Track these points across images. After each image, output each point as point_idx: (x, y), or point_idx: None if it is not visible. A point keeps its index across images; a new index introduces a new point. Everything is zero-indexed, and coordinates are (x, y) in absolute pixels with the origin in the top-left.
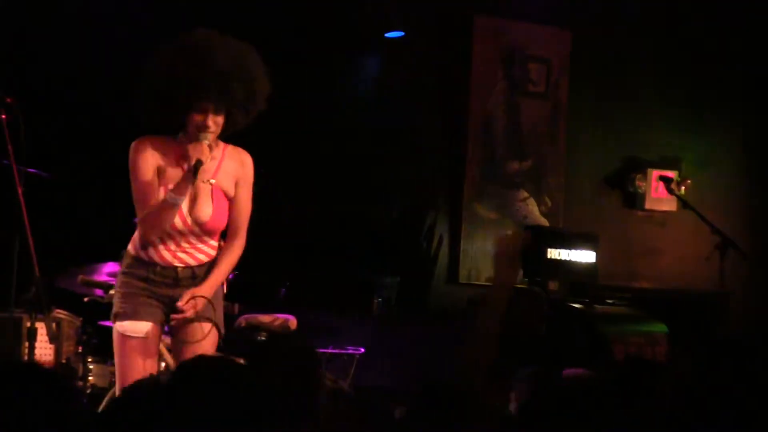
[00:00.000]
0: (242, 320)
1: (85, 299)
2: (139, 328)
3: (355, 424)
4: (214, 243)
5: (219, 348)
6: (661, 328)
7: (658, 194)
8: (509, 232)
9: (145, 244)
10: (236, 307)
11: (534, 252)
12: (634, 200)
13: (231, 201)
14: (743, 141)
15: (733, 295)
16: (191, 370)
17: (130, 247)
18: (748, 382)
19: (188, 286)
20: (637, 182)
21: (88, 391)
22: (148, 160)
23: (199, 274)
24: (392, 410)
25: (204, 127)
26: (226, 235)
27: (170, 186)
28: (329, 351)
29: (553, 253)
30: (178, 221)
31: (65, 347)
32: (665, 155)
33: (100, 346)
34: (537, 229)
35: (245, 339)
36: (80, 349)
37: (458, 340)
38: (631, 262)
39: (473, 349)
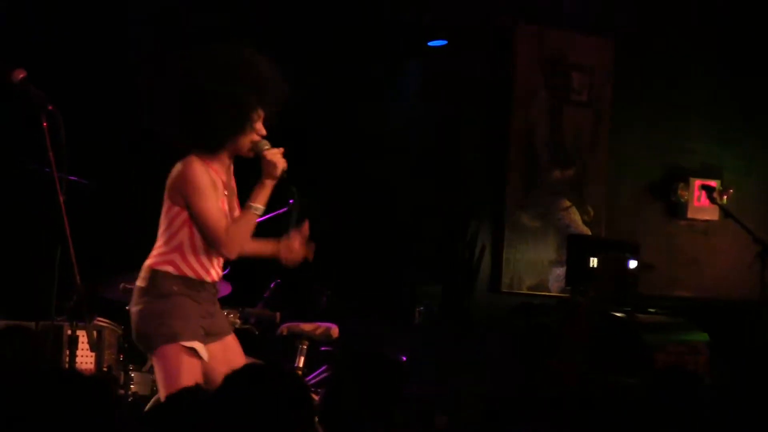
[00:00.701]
0: (284, 328)
1: (127, 308)
2: (204, 350)
3: None
4: None
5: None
6: (702, 336)
7: (700, 203)
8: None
9: (196, 264)
10: (278, 315)
11: (577, 261)
12: (677, 209)
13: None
14: None
15: None
16: (239, 378)
17: (168, 268)
18: None
19: (215, 302)
20: (680, 191)
21: (130, 399)
22: (206, 176)
23: (216, 291)
24: (435, 419)
25: (262, 135)
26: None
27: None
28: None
29: (595, 262)
30: None
31: (107, 355)
32: (707, 164)
33: (142, 354)
34: (578, 237)
35: (287, 347)
36: (121, 357)
37: (500, 348)
38: (673, 270)
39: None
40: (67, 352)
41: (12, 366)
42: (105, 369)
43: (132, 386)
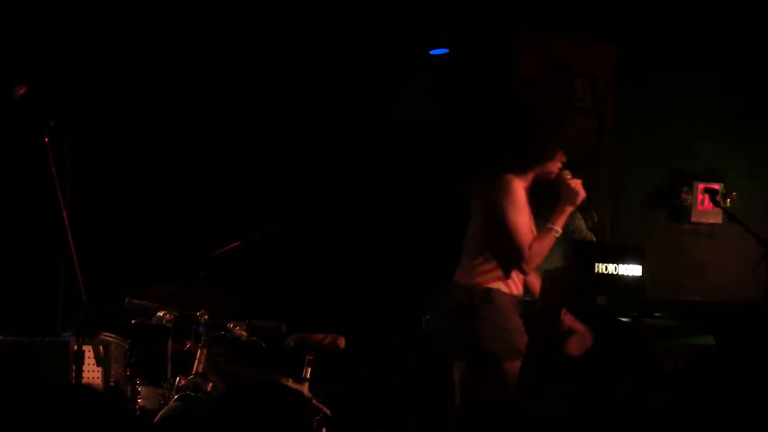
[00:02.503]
0: (291, 339)
1: (133, 321)
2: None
3: None
4: None
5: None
6: (708, 340)
7: (704, 207)
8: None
9: (509, 277)
10: (284, 326)
11: (582, 267)
12: (681, 213)
13: None
14: None
15: None
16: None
17: (498, 284)
18: None
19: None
20: (683, 195)
21: (138, 414)
22: (523, 194)
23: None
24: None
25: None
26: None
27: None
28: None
29: (601, 268)
30: None
31: (114, 370)
32: (711, 167)
33: (149, 368)
34: (584, 243)
35: (294, 358)
36: (128, 372)
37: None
38: (678, 274)
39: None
40: (74, 368)
41: (16, 382)
42: (112, 383)
43: (139, 400)
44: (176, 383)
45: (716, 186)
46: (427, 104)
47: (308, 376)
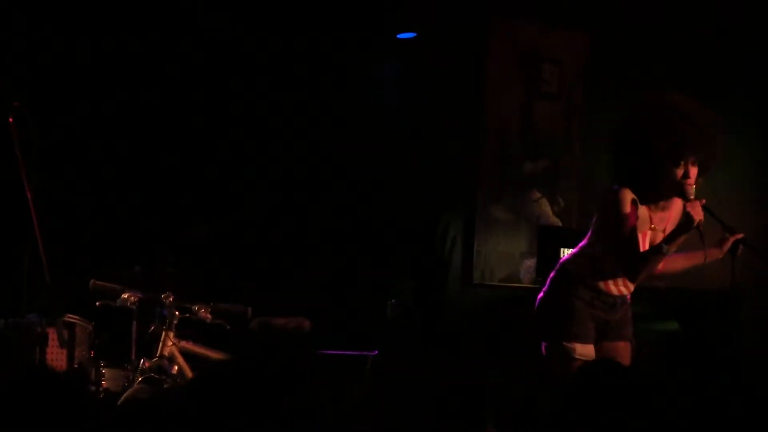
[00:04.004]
0: (256, 322)
1: (98, 304)
2: (588, 351)
3: None
4: None
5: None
6: (674, 326)
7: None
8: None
9: (598, 274)
10: (249, 309)
11: (548, 253)
12: None
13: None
14: (758, 139)
15: (745, 294)
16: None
17: (573, 270)
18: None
19: (616, 311)
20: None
21: (101, 396)
22: (629, 206)
23: (625, 301)
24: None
25: (686, 178)
26: None
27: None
28: (343, 353)
29: (566, 253)
30: None
31: (78, 352)
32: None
33: (113, 350)
34: (549, 229)
35: (259, 342)
36: (92, 354)
37: (472, 340)
38: None
39: None
40: (37, 350)
41: None
42: (76, 366)
43: (103, 382)
44: (140, 365)
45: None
46: (395, 89)
47: (272, 359)
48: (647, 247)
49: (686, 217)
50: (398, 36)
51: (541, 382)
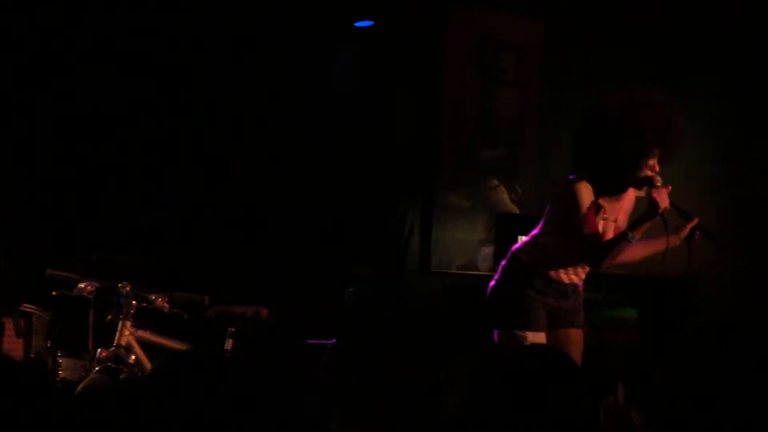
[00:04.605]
0: (213, 311)
1: (54, 293)
2: (539, 339)
3: None
4: None
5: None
6: (631, 313)
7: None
8: None
9: (551, 263)
10: (206, 298)
11: (506, 240)
12: None
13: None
14: (713, 125)
15: (701, 279)
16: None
17: (526, 259)
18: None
19: (567, 299)
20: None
21: (59, 385)
22: (590, 198)
23: (576, 289)
24: None
25: (652, 168)
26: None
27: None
28: (301, 341)
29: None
30: None
31: (34, 341)
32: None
33: (70, 339)
34: (507, 216)
35: (217, 330)
36: (50, 343)
37: (430, 328)
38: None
39: None
40: None
41: None
42: (33, 355)
43: (60, 372)
44: (97, 355)
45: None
46: (352, 76)
47: (230, 348)
48: (603, 238)
49: (652, 204)
50: (356, 24)
51: (493, 369)
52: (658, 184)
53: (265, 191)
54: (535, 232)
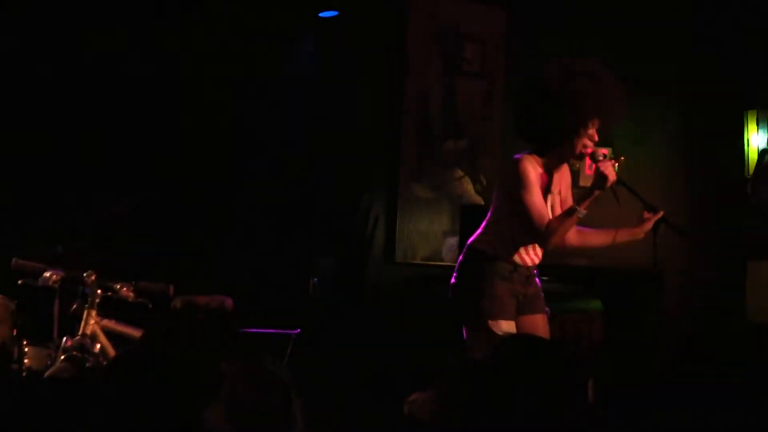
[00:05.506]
0: (178, 301)
1: (20, 282)
2: (512, 328)
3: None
4: None
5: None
6: (596, 305)
7: (591, 171)
8: None
9: (510, 246)
10: (171, 288)
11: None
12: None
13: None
14: (678, 117)
15: (666, 271)
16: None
17: (486, 249)
18: None
19: (530, 283)
20: (572, 160)
21: (24, 374)
22: (534, 173)
23: (532, 273)
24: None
25: (594, 142)
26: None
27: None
28: (264, 331)
29: None
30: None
31: (0, 330)
32: (598, 132)
33: (36, 328)
34: (472, 207)
35: (181, 320)
36: (15, 332)
37: (395, 319)
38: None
39: None
40: None
41: None
42: None
43: (26, 360)
44: (63, 344)
45: (604, 151)
46: (316, 67)
47: (195, 337)
48: (552, 213)
49: (598, 177)
50: (320, 14)
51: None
52: (600, 159)
53: (228, 182)
54: (487, 220)
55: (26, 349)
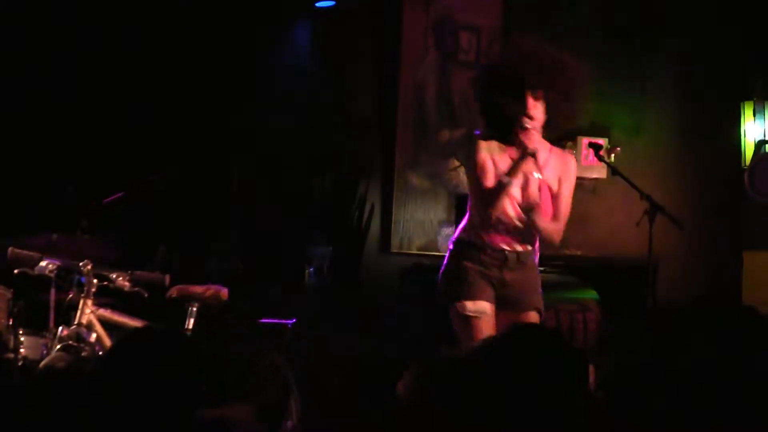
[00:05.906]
0: (174, 291)
1: (16, 271)
2: (480, 308)
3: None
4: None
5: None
6: (591, 294)
7: (588, 162)
8: None
9: (477, 228)
10: (167, 277)
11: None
12: None
13: (554, 196)
14: (675, 107)
15: (662, 261)
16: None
17: (460, 234)
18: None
19: (515, 270)
20: (564, 141)
21: (20, 364)
22: (484, 152)
23: (523, 259)
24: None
25: (528, 116)
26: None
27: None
28: (261, 321)
29: None
30: (509, 208)
31: None
32: (595, 122)
33: (32, 318)
34: (467, 197)
35: (177, 309)
36: (11, 321)
37: (390, 309)
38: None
39: None
40: None
41: None
42: None
43: (22, 350)
44: (59, 333)
45: (601, 141)
46: (312, 56)
47: (191, 327)
48: (520, 195)
49: (520, 145)
50: (317, 4)
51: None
52: (527, 126)
53: (224, 171)
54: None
55: (22, 339)
